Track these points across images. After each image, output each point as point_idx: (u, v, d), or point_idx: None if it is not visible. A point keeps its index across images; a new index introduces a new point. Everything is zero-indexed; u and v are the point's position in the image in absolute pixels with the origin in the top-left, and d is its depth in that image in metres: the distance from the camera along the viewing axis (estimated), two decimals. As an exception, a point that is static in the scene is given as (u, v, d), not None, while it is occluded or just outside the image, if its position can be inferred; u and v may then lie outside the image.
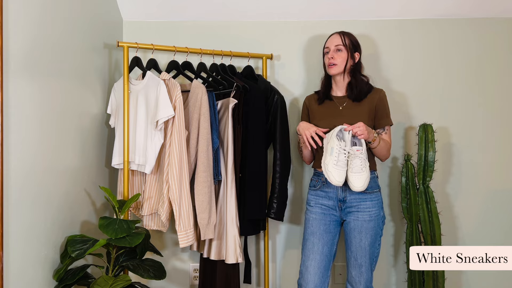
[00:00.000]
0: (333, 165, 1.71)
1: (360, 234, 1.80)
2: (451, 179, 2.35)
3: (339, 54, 1.89)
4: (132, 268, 1.72)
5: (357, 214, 1.81)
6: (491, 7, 2.29)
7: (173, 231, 2.33)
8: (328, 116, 1.91)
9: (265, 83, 2.17)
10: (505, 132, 2.34)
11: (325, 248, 1.84)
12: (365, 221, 1.79)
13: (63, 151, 1.69)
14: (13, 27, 1.33)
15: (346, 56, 1.89)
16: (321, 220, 1.86)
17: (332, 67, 1.90)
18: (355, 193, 1.81)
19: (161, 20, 2.37)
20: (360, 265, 1.82)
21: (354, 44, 1.92)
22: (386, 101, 1.93)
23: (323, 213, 1.87)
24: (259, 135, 2.05)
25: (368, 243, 1.80)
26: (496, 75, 2.35)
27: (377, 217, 1.82)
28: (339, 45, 1.89)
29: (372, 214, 1.80)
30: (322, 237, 1.85)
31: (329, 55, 1.91)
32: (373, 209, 1.81)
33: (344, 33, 1.93)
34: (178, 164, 1.85)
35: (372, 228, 1.80)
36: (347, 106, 1.91)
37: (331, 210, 1.87)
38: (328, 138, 1.81)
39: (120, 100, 2.00)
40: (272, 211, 2.08)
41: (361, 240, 1.80)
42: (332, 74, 1.92)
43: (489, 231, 2.33)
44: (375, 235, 1.82)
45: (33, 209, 1.46)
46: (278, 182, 2.09)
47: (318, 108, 1.97)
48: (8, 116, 1.30)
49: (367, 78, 1.96)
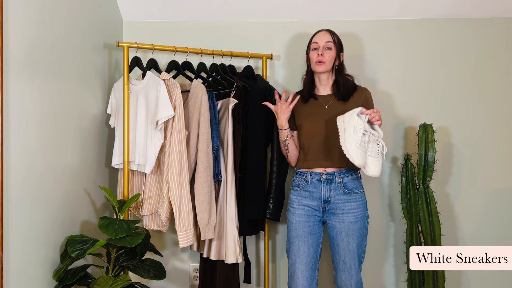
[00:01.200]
0: (357, 145, 1.62)
1: (347, 237, 1.77)
2: (451, 179, 2.35)
3: (328, 52, 1.86)
4: (132, 268, 1.72)
5: (342, 216, 1.78)
6: (491, 7, 2.29)
7: (173, 231, 2.33)
8: (313, 115, 1.89)
9: (264, 83, 2.17)
10: (505, 132, 2.34)
11: (311, 250, 1.82)
12: (351, 223, 1.77)
13: (63, 151, 1.69)
14: (13, 27, 1.33)
15: (335, 55, 1.87)
16: (305, 222, 1.83)
17: (320, 64, 1.85)
18: (341, 194, 1.79)
19: (161, 20, 2.37)
20: (349, 268, 1.79)
21: (340, 44, 1.91)
22: (371, 100, 1.91)
23: (306, 214, 1.84)
24: (258, 135, 2.06)
25: (356, 244, 1.78)
26: (496, 75, 2.35)
27: (363, 218, 1.80)
28: (330, 42, 1.86)
29: (357, 215, 1.78)
30: (307, 240, 1.82)
31: (319, 52, 1.86)
32: (358, 210, 1.79)
33: (332, 32, 1.91)
34: (178, 164, 1.85)
35: (359, 229, 1.78)
36: (332, 105, 1.88)
37: (315, 211, 1.84)
38: (347, 117, 1.70)
39: (120, 100, 2.00)
40: (268, 211, 2.08)
41: (348, 242, 1.77)
42: (320, 71, 1.88)
43: (489, 231, 2.33)
44: (361, 236, 1.80)
45: (33, 209, 1.46)
46: (275, 182, 2.09)
47: (303, 107, 1.93)
48: (8, 116, 1.30)
49: (352, 77, 1.95)
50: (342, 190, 1.79)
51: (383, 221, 2.37)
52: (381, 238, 2.36)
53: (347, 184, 1.80)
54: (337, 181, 1.80)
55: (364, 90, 1.92)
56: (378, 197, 2.37)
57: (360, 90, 1.91)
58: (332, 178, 1.81)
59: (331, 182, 1.81)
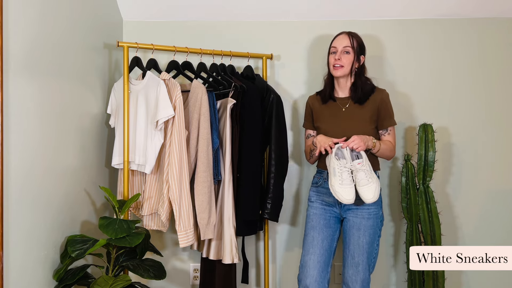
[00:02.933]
0: (339, 185, 1.72)
1: (358, 232, 1.80)
2: (451, 179, 2.35)
3: (346, 56, 1.87)
4: (132, 268, 1.72)
5: (356, 211, 1.82)
6: (494, 7, 2.29)
7: (173, 231, 2.33)
8: (331, 117, 1.92)
9: (262, 83, 2.16)
10: (505, 132, 2.34)
11: (325, 242, 1.86)
12: (364, 219, 1.80)
13: (63, 151, 1.69)
14: (13, 27, 1.33)
15: (353, 59, 1.87)
16: (321, 215, 1.88)
17: (337, 68, 1.88)
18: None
19: (161, 20, 2.37)
20: (357, 263, 1.81)
21: (360, 46, 1.91)
22: (388, 102, 1.91)
23: (323, 208, 1.89)
24: (254, 135, 2.04)
25: (366, 241, 1.80)
26: (497, 75, 2.35)
27: (376, 216, 1.82)
28: (348, 46, 1.86)
29: (371, 212, 1.81)
30: (322, 231, 1.86)
31: (336, 56, 1.87)
32: (372, 207, 1.81)
33: (352, 35, 1.90)
34: (178, 164, 1.85)
35: (371, 226, 1.80)
36: (349, 107, 1.90)
37: (332, 207, 1.88)
38: (328, 159, 1.81)
39: (120, 100, 2.00)
40: (266, 211, 2.07)
41: (359, 237, 1.80)
42: (337, 76, 1.90)
43: (489, 231, 2.33)
44: (373, 234, 1.82)
45: (33, 209, 1.46)
46: (273, 182, 2.07)
47: (322, 109, 1.97)
48: (8, 116, 1.30)
49: (370, 80, 1.95)
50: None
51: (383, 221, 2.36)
52: (381, 238, 2.35)
53: None
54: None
55: (381, 92, 1.91)
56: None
57: (377, 92, 1.91)
58: None
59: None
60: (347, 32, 1.91)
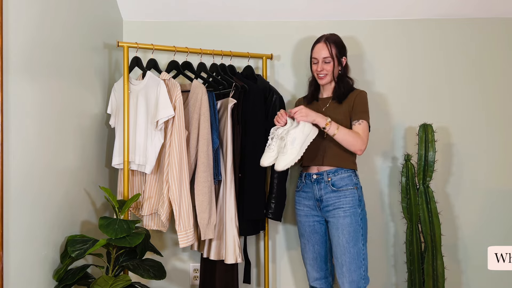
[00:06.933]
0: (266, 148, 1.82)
1: (337, 231, 1.81)
2: (451, 179, 2.35)
3: (328, 65, 1.91)
4: (132, 268, 1.72)
5: (334, 211, 1.83)
6: (494, 7, 2.29)
7: (173, 231, 2.33)
8: None
9: (264, 83, 2.17)
10: (505, 132, 2.34)
11: (316, 247, 1.94)
12: (341, 217, 1.81)
13: (63, 151, 1.69)
14: (13, 27, 1.33)
15: (333, 65, 1.91)
16: (306, 222, 1.94)
17: (322, 78, 1.93)
18: (330, 191, 1.83)
19: (161, 20, 2.37)
20: (341, 264, 1.80)
21: (340, 50, 1.93)
22: (364, 99, 1.90)
23: (306, 215, 1.94)
24: (258, 135, 2.05)
25: (346, 240, 1.79)
26: (497, 75, 2.35)
27: (353, 214, 1.81)
28: (327, 57, 1.90)
29: (346, 210, 1.81)
30: (310, 238, 1.94)
31: (318, 68, 1.92)
32: (347, 205, 1.81)
33: (330, 41, 1.90)
34: (178, 164, 1.85)
35: (349, 224, 1.79)
36: (329, 107, 1.94)
37: (312, 211, 1.92)
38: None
39: (120, 100, 2.00)
40: (270, 211, 2.09)
41: (339, 237, 1.81)
42: (323, 84, 1.96)
43: (489, 231, 2.33)
44: (353, 233, 1.79)
45: (33, 209, 1.46)
46: (276, 182, 2.10)
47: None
48: (8, 116, 1.30)
49: (352, 80, 1.98)
50: (330, 189, 1.84)
51: (383, 221, 2.36)
52: (381, 238, 2.36)
53: (335, 183, 1.84)
54: (326, 180, 1.85)
55: (358, 92, 1.93)
56: (378, 197, 2.37)
57: (354, 92, 1.94)
58: (321, 178, 1.86)
59: (320, 182, 1.87)
60: (324, 40, 1.91)
